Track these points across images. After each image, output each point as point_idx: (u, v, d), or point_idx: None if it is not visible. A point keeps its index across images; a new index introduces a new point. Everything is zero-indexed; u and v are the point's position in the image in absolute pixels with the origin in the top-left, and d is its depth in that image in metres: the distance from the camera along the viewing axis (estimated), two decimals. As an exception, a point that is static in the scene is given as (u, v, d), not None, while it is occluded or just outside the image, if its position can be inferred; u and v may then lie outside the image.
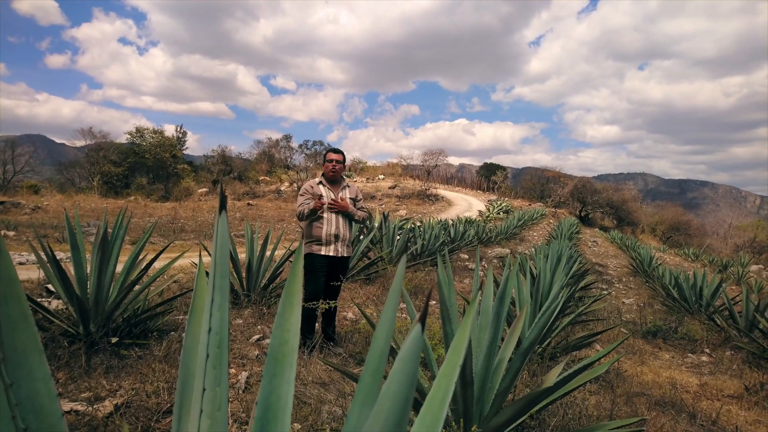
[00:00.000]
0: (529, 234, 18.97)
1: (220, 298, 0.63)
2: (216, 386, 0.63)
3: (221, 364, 0.64)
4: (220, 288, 0.63)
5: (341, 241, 3.88)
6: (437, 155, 43.64)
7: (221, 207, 0.63)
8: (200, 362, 0.64)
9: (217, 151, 35.89)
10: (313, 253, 3.84)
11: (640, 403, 3.27)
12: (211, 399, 0.63)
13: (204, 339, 0.64)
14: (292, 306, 0.81)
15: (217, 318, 0.63)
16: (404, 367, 0.51)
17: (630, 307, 8.45)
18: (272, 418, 0.74)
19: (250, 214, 20.93)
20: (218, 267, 0.63)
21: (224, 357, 0.65)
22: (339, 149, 4.05)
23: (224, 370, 0.65)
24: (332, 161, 3.95)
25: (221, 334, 0.64)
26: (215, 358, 0.63)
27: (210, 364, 0.63)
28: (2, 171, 35.51)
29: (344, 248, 3.93)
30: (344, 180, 4.12)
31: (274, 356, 0.77)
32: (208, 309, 0.64)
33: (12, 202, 18.19)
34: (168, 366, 3.10)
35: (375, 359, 0.55)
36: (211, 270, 0.64)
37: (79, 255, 3.30)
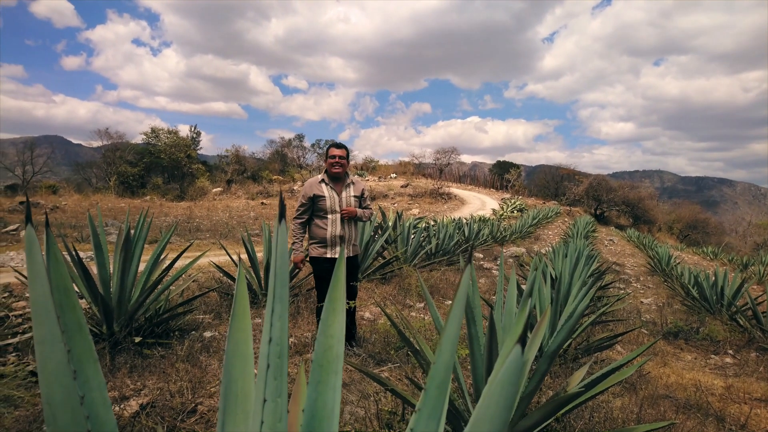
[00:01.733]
0: (543, 232, 18.80)
1: (281, 308, 0.62)
2: (277, 397, 0.62)
3: (282, 374, 0.63)
4: (280, 298, 0.62)
5: (347, 242, 3.68)
6: (449, 153, 43.50)
7: (280, 216, 0.62)
8: (260, 372, 0.63)
9: (231, 151, 36.19)
10: (318, 257, 3.65)
11: (664, 406, 3.22)
12: (273, 410, 0.62)
13: (264, 349, 0.63)
14: (336, 312, 0.80)
15: (277, 328, 0.62)
16: (502, 390, 0.50)
17: (649, 306, 8.33)
18: (318, 426, 0.73)
19: (264, 213, 21.05)
20: (278, 277, 0.62)
21: (284, 367, 0.64)
22: (342, 143, 3.70)
23: (284, 380, 0.64)
24: (335, 157, 3.61)
25: (281, 344, 0.63)
26: (276, 369, 0.63)
27: (271, 374, 0.62)
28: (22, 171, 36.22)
29: (350, 248, 3.73)
30: (348, 177, 3.79)
31: (319, 363, 0.77)
32: (268, 319, 0.63)
33: (32, 202, 18.53)
34: (190, 366, 3.12)
35: (441, 373, 0.54)
36: (270, 280, 0.64)
37: (103, 255, 3.34)
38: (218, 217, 18.78)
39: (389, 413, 2.54)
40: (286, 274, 0.61)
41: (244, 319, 0.87)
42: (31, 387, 2.57)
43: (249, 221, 18.03)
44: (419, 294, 5.85)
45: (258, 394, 0.63)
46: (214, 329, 4.03)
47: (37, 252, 0.48)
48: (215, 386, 2.91)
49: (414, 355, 2.32)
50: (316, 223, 3.65)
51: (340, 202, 3.64)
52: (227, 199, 27.22)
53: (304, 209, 3.63)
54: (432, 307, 2.41)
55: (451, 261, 9.02)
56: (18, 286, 4.97)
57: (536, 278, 2.16)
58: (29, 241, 0.48)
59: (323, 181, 3.66)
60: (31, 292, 0.48)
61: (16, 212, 16.77)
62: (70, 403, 0.48)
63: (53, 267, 0.56)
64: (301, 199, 3.64)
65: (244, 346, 0.86)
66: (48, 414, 0.47)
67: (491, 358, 2.03)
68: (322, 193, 3.60)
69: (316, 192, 3.60)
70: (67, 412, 0.47)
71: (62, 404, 0.47)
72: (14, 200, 18.79)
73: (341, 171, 3.64)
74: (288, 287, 0.64)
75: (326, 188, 3.63)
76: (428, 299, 2.43)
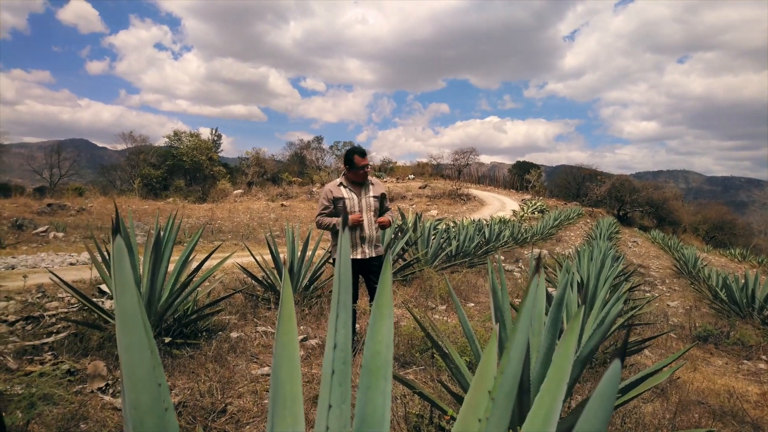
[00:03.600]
0: (565, 234, 18.55)
1: (345, 315, 0.63)
2: (342, 403, 0.63)
3: (346, 380, 0.64)
4: (344, 305, 0.63)
5: (368, 243, 3.71)
6: (468, 154, 43.24)
7: (343, 224, 0.63)
8: (325, 378, 0.64)
9: (251, 154, 36.66)
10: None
11: (697, 412, 3.14)
12: (338, 416, 0.63)
13: (329, 355, 0.64)
14: (383, 317, 0.80)
15: (342, 334, 0.63)
16: (602, 403, 0.50)
17: (675, 310, 8.14)
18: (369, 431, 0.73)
19: (283, 214, 21.25)
20: (342, 284, 0.63)
21: (348, 373, 0.64)
22: (364, 150, 3.73)
23: (348, 386, 0.65)
24: (364, 167, 3.66)
25: (346, 350, 0.63)
26: (341, 375, 0.63)
27: (336, 380, 0.63)
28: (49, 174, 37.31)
29: (372, 249, 3.75)
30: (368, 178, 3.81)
31: (368, 368, 0.77)
32: (333, 325, 0.64)
33: (59, 204, 19.04)
34: (219, 366, 3.16)
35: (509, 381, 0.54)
36: (335, 287, 0.64)
37: (133, 257, 3.41)
38: (239, 218, 19.02)
39: (417, 416, 2.54)
40: (349, 281, 0.62)
41: (290, 323, 0.87)
42: (68, 385, 2.64)
43: (269, 222, 18.22)
44: (441, 296, 5.83)
45: (323, 400, 0.64)
46: (239, 330, 4.08)
47: (125, 263, 0.49)
48: (243, 386, 2.94)
49: (443, 359, 2.32)
50: None
51: (359, 203, 3.69)
52: (248, 200, 27.56)
53: (328, 213, 3.70)
54: (460, 311, 2.39)
55: (472, 263, 8.96)
56: (51, 286, 5.11)
57: (568, 281, 2.13)
58: (118, 252, 0.50)
59: (341, 184, 3.72)
60: (119, 300, 0.50)
61: (45, 214, 17.25)
62: (156, 410, 0.49)
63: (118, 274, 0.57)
64: (323, 202, 3.71)
65: (291, 350, 0.87)
66: (135, 419, 0.49)
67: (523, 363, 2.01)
68: (341, 195, 3.67)
69: (336, 195, 3.67)
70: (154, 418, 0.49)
71: (150, 410, 0.49)
72: (42, 202, 19.33)
73: (365, 180, 3.75)
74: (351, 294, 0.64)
75: (345, 190, 3.69)
76: (457, 304, 2.42)
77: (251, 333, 4.04)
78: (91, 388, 2.72)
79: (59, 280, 3.46)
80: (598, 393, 0.49)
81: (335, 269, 0.65)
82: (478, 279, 7.64)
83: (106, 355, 3.14)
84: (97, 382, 2.78)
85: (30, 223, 13.62)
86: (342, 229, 0.64)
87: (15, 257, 8.15)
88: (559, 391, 0.69)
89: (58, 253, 9.23)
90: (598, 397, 0.50)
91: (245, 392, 2.87)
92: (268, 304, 4.91)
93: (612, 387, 0.49)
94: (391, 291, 0.82)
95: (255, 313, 4.62)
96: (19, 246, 10.10)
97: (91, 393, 2.66)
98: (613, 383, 0.49)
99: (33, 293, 4.77)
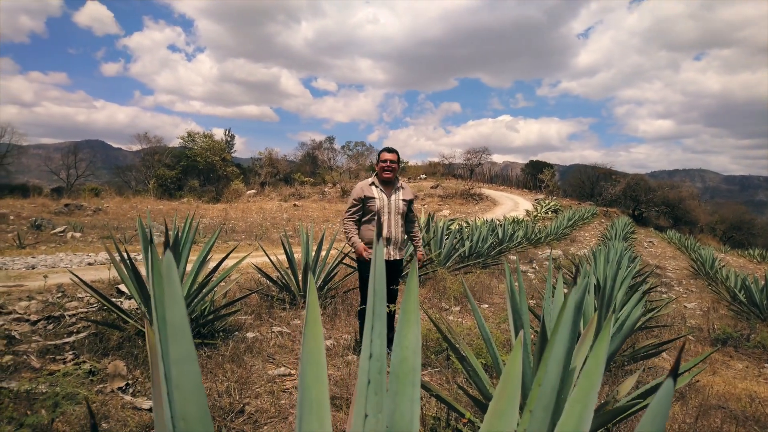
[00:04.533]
0: (580, 234, 18.37)
1: (380, 326, 0.63)
2: (378, 412, 0.64)
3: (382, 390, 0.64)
4: (379, 315, 0.63)
5: (393, 244, 3.77)
6: (480, 153, 43.04)
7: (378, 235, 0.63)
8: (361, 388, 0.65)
9: (264, 154, 36.90)
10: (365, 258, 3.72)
11: (718, 417, 3.09)
12: (374, 425, 0.63)
13: (365, 365, 0.64)
14: (410, 324, 0.80)
15: (377, 345, 0.63)
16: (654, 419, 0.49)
17: (693, 311, 8.02)
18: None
19: (296, 214, 21.36)
20: (377, 295, 0.63)
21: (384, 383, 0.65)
22: (393, 148, 3.81)
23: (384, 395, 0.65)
24: (386, 161, 3.72)
25: (381, 360, 0.64)
26: (377, 385, 0.64)
27: (372, 390, 0.63)
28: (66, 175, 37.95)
29: (396, 251, 3.81)
30: (398, 181, 3.89)
31: (395, 374, 0.77)
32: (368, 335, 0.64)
33: (76, 204, 19.37)
34: (236, 366, 3.19)
35: (547, 394, 0.54)
36: (369, 297, 0.65)
37: (152, 258, 3.45)
38: (252, 218, 19.16)
39: (433, 419, 2.54)
40: (384, 292, 0.62)
41: (316, 327, 0.88)
42: (89, 385, 2.68)
43: (282, 223, 18.33)
44: (455, 297, 5.81)
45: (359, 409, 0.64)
46: (255, 330, 4.11)
47: (174, 276, 0.50)
48: (260, 387, 2.97)
49: (460, 362, 2.31)
50: (364, 224, 3.76)
51: (389, 205, 3.73)
52: (261, 201, 27.75)
53: (355, 210, 3.73)
54: (477, 314, 2.38)
55: (486, 264, 8.92)
56: (70, 286, 5.19)
57: (587, 284, 2.11)
58: (168, 266, 0.51)
59: (374, 183, 3.77)
60: (169, 313, 0.51)
61: (62, 214, 17.57)
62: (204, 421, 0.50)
63: (156, 281, 0.58)
64: (352, 200, 3.75)
65: (317, 354, 0.87)
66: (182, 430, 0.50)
67: (541, 366, 2.00)
68: (372, 195, 3.70)
69: (366, 194, 3.70)
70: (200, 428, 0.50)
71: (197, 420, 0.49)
72: (60, 202, 19.68)
73: (391, 175, 3.76)
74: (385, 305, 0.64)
75: (376, 190, 3.73)
76: (474, 307, 2.41)
77: (267, 333, 4.07)
78: (111, 387, 2.76)
79: (80, 281, 3.51)
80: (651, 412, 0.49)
81: (370, 280, 0.65)
82: (491, 280, 7.61)
83: (126, 355, 3.19)
84: (117, 382, 2.82)
85: (48, 223, 13.87)
86: (376, 239, 0.64)
87: (34, 257, 8.31)
88: (590, 401, 0.69)
89: (76, 253, 9.38)
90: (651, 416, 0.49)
91: (262, 392, 2.89)
92: (283, 304, 4.94)
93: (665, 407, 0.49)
94: (418, 298, 0.82)
95: (270, 313, 4.66)
96: (38, 246, 10.28)
97: (111, 392, 2.70)
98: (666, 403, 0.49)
99: (53, 293, 4.85)
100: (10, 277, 6.06)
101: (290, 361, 3.54)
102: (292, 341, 3.96)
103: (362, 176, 37.74)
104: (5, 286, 5.27)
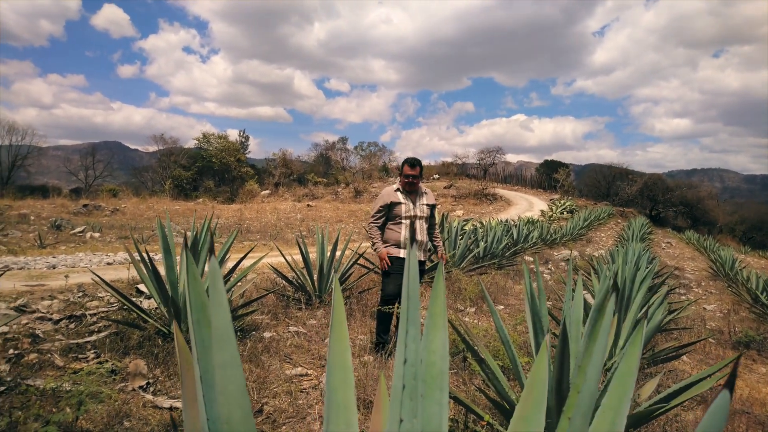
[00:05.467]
0: (596, 235, 18.16)
1: (414, 331, 0.63)
2: (413, 417, 0.64)
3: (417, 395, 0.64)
4: (413, 320, 0.63)
5: (418, 246, 3.91)
6: (494, 153, 42.76)
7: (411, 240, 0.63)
8: (396, 393, 0.65)
9: (278, 155, 37.16)
10: (392, 255, 3.85)
11: (743, 422, 3.03)
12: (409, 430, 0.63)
13: (399, 370, 0.64)
14: (437, 328, 0.80)
15: (412, 350, 0.64)
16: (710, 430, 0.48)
17: (713, 314, 7.88)
18: (426, 442, 0.73)
19: (309, 215, 21.45)
20: (410, 299, 0.63)
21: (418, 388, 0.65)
22: (415, 160, 3.90)
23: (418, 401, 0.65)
24: (409, 176, 3.85)
25: (416, 365, 0.64)
26: (411, 390, 0.64)
27: (407, 395, 0.63)
28: (84, 176, 38.65)
29: (421, 253, 3.98)
30: (421, 187, 4.05)
31: (423, 378, 0.77)
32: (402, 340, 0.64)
33: (94, 204, 19.70)
34: (254, 366, 3.22)
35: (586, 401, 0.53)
36: (403, 302, 0.65)
37: (171, 258, 3.50)
38: (267, 218, 19.29)
39: (451, 420, 2.53)
40: (417, 298, 0.62)
41: (342, 329, 0.88)
42: (111, 383, 2.73)
43: (296, 223, 18.43)
44: (471, 299, 5.79)
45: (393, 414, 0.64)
46: (272, 330, 4.14)
47: (220, 282, 0.51)
48: (278, 386, 2.99)
49: (478, 364, 2.30)
50: (389, 227, 3.92)
51: (415, 209, 3.90)
52: (275, 201, 27.92)
53: (380, 215, 3.90)
54: (496, 317, 2.37)
55: (501, 264, 8.86)
56: (90, 286, 5.29)
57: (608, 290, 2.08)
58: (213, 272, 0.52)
59: (399, 189, 3.95)
60: (214, 318, 0.52)
61: (81, 214, 17.87)
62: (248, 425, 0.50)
63: (192, 285, 0.59)
64: (378, 206, 3.92)
65: (343, 356, 0.88)
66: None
67: (562, 369, 1.97)
68: (398, 201, 3.88)
69: (393, 199, 3.88)
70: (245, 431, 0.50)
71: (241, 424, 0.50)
72: (78, 203, 20.03)
73: (415, 189, 3.96)
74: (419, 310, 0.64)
75: (402, 196, 3.91)
76: (492, 309, 2.40)
77: (283, 333, 4.10)
78: (132, 386, 2.80)
79: (102, 281, 3.57)
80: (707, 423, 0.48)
81: (404, 284, 0.65)
82: (506, 281, 7.56)
83: (146, 354, 3.23)
84: (138, 381, 2.86)
85: (68, 224, 14.12)
86: (410, 245, 0.64)
87: (55, 257, 8.47)
88: (623, 407, 0.68)
89: (95, 252, 9.54)
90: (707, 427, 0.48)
91: (280, 392, 2.91)
92: (299, 304, 4.96)
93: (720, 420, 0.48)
94: (445, 301, 0.82)
95: (286, 313, 4.68)
96: (58, 246, 10.48)
97: (132, 391, 2.75)
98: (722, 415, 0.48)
99: (74, 292, 4.95)
100: (33, 276, 6.18)
101: (307, 361, 3.56)
102: (308, 341, 3.98)
103: (375, 176, 37.77)
104: (28, 285, 5.38)
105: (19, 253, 8.80)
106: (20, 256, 8.43)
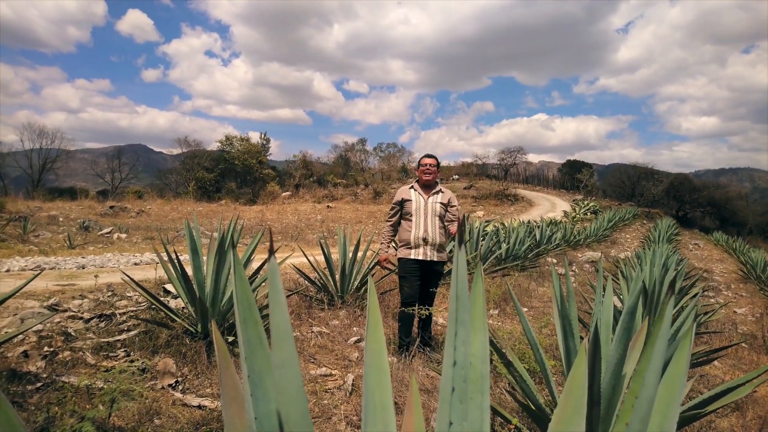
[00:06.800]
0: (621, 236, 17.81)
1: (464, 333, 0.63)
2: (463, 420, 0.63)
3: (466, 398, 0.64)
4: (462, 322, 0.63)
5: (430, 245, 3.79)
6: (515, 153, 42.32)
7: (459, 242, 0.63)
8: (444, 395, 0.64)
9: (298, 157, 37.52)
10: (404, 257, 3.84)
11: (780, 431, 2.93)
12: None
13: (449, 373, 0.64)
14: (477, 331, 0.79)
15: (461, 352, 0.63)
16: None
17: (744, 317, 7.64)
18: (468, 446, 0.72)
19: (329, 216, 21.57)
20: (459, 301, 0.63)
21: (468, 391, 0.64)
22: (432, 154, 4.01)
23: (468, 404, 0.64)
24: (426, 165, 3.92)
25: (466, 368, 0.63)
26: (461, 392, 0.63)
27: (456, 397, 0.63)
28: (111, 178, 39.63)
29: (434, 252, 3.82)
30: (438, 185, 4.01)
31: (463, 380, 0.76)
32: (451, 342, 0.64)
33: (120, 206, 20.19)
34: (279, 366, 3.24)
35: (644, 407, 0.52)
36: (451, 303, 0.65)
37: (199, 259, 3.55)
38: (288, 219, 19.48)
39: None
40: (466, 299, 0.61)
41: (378, 330, 0.88)
42: (141, 381, 2.78)
43: (316, 224, 18.55)
44: (495, 300, 5.73)
45: (443, 417, 0.64)
46: (296, 330, 4.17)
47: (278, 282, 0.51)
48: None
49: (506, 367, 2.27)
50: (402, 225, 3.92)
51: (425, 206, 3.84)
52: (295, 202, 28.17)
53: (393, 212, 3.96)
54: (524, 320, 2.34)
55: (523, 266, 8.76)
56: (119, 285, 5.41)
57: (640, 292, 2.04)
58: (272, 272, 0.52)
59: (413, 187, 3.95)
60: (272, 317, 0.53)
61: (107, 216, 18.34)
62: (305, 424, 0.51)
63: (239, 284, 0.60)
64: (392, 204, 3.99)
65: (380, 358, 0.87)
66: None
67: (594, 373, 1.94)
68: (409, 197, 3.87)
69: (404, 196, 3.89)
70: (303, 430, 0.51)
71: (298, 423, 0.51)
72: (105, 205, 20.55)
73: (431, 178, 3.92)
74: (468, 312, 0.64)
75: (414, 193, 3.90)
76: (520, 312, 2.37)
77: (307, 333, 4.12)
78: (161, 384, 2.86)
79: (132, 280, 3.65)
80: None
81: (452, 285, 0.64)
82: (530, 283, 7.46)
83: (174, 353, 3.29)
84: (167, 379, 2.91)
85: (95, 225, 14.50)
86: (458, 246, 0.63)
87: (84, 257, 8.69)
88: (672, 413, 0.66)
89: (123, 253, 9.76)
90: None
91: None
92: (321, 304, 4.99)
93: None
94: (484, 303, 0.81)
95: (309, 313, 4.71)
96: (87, 246, 10.76)
97: (161, 389, 2.80)
98: None
99: (104, 292, 5.07)
100: (63, 276, 6.36)
101: (331, 362, 3.57)
102: (331, 341, 3.99)
103: (394, 177, 37.75)
104: (59, 285, 5.54)
105: (50, 254, 9.06)
106: (51, 256, 8.68)
